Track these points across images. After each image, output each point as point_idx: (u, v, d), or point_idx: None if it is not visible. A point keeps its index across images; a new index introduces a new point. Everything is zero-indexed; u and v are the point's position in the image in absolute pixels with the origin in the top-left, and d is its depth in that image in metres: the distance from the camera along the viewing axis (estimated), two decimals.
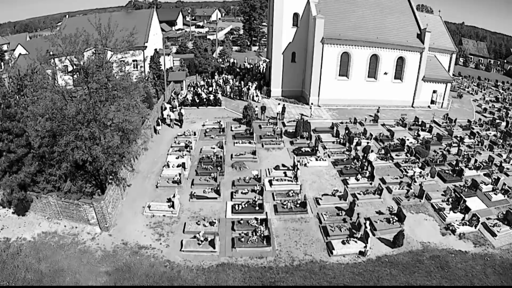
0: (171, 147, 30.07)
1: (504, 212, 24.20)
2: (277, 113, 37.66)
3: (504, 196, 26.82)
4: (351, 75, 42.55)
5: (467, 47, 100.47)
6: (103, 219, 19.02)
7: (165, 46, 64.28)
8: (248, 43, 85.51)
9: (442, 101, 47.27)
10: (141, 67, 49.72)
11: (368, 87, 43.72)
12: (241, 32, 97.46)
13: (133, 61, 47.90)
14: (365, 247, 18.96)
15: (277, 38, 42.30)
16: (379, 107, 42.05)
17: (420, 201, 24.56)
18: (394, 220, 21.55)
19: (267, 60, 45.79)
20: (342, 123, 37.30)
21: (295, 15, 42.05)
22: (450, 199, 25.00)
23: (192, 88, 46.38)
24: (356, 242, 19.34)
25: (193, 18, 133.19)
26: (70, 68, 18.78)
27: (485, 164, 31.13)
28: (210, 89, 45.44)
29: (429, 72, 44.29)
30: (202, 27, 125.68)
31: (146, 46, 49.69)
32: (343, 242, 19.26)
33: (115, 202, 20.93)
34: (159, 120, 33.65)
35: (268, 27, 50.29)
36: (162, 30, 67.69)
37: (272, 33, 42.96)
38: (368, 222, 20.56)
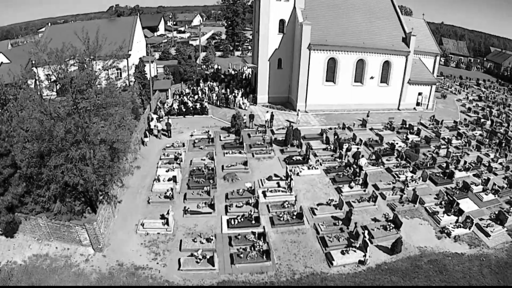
0: (160, 159, 29.77)
1: (496, 212, 25.09)
2: (266, 121, 37.88)
3: (495, 196, 27.77)
4: (337, 80, 43.29)
5: (447, 46, 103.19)
6: (96, 240, 18.80)
7: (148, 53, 64.02)
8: (231, 48, 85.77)
9: (427, 102, 48.59)
10: (125, 77, 49.24)
11: (354, 92, 44.54)
12: (223, 37, 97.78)
13: (117, 69, 47.53)
14: (365, 256, 19.29)
15: (263, 45, 42.72)
16: (369, 111, 42.88)
17: (414, 206, 25.14)
18: (391, 227, 21.98)
19: (255, 66, 45.95)
20: (331, 129, 37.82)
21: (281, 21, 42.53)
22: (443, 202, 25.70)
23: (177, 97, 46.25)
24: (355, 251, 19.67)
25: (174, 23, 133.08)
26: (53, 78, 18.54)
27: (474, 165, 32.09)
28: (196, 97, 45.41)
29: (414, 75, 45.46)
30: (184, 32, 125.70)
31: (130, 54, 49.35)
32: (342, 252, 19.56)
33: (107, 221, 20.72)
34: (146, 132, 33.39)
35: (253, 33, 50.56)
36: (145, 36, 67.37)
37: (258, 39, 43.36)
38: (366, 231, 20.86)
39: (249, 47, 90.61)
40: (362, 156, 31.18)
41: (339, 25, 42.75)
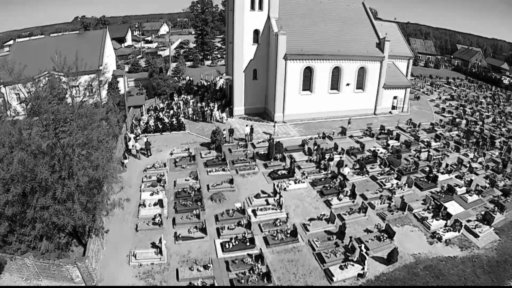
0: (143, 182, 29.50)
1: (483, 213, 26.57)
2: (246, 135, 38.32)
3: (479, 196, 29.35)
4: (314, 89, 44.47)
5: (415, 46, 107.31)
6: (90, 277, 18.58)
7: (119, 67, 63.20)
8: (201, 57, 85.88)
9: (402, 105, 50.58)
10: (97, 95, 48.45)
11: (331, 99, 45.87)
12: (191, 45, 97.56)
13: (88, 85, 46.70)
14: (363, 269, 20.00)
15: (238, 56, 43.21)
16: (350, 119, 44.30)
17: (403, 213, 26.24)
18: (385, 237, 22.84)
19: (230, 78, 46.39)
20: (311, 139, 38.70)
21: (256, 32, 43.21)
22: (430, 207, 26.91)
23: (152, 112, 45.90)
24: (353, 265, 20.35)
25: (141, 33, 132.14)
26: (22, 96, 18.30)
27: (455, 167, 33.73)
28: (171, 112, 45.34)
29: (389, 79, 47.30)
30: (151, 42, 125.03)
31: (101, 70, 48.75)
32: (341, 267, 20.20)
33: (97, 254, 20.49)
34: (125, 153, 33.00)
35: (227, 44, 50.97)
36: (114, 48, 66.74)
37: (232, 50, 43.83)
38: (363, 245, 21.57)
39: (219, 55, 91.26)
40: (346, 165, 32.15)
41: (314, 34, 44.05)
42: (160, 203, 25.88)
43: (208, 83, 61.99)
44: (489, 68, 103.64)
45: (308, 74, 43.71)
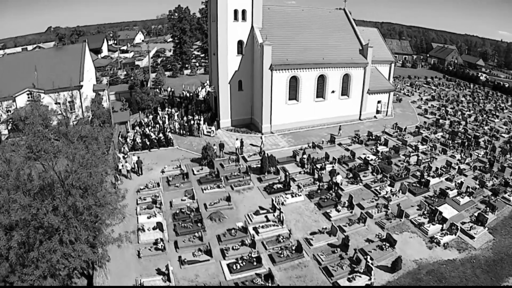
0: (138, 204, 29.40)
1: (476, 214, 28.14)
2: (236, 148, 38.86)
3: (470, 198, 30.95)
4: (300, 98, 45.67)
5: (391, 47, 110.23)
6: None
7: (101, 81, 62.49)
8: (180, 66, 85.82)
9: (386, 109, 52.32)
10: (78, 109, 47.88)
11: (317, 107, 47.19)
12: (167, 53, 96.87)
13: (69, 102, 46.31)
14: (370, 279, 20.98)
15: (223, 68, 43.82)
16: (340, 126, 45.70)
17: (400, 220, 27.47)
18: (387, 246, 23.94)
19: (215, 91, 46.88)
20: (301, 149, 39.41)
21: (240, 42, 43.95)
22: (425, 213, 28.24)
23: (138, 128, 45.66)
24: (360, 276, 21.28)
25: (115, 42, 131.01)
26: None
27: (444, 170, 35.31)
28: (157, 126, 45.39)
29: (372, 85, 49.02)
30: (127, 51, 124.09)
31: (81, 85, 48.32)
32: (349, 280, 21.11)
33: (102, 285, 20.71)
34: (116, 175, 32.88)
35: (210, 55, 51.42)
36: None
37: (216, 62, 44.30)
38: (368, 256, 22.59)
39: (197, 64, 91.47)
40: (338, 173, 33.19)
41: (298, 43, 45.26)
42: (159, 226, 26.10)
43: (191, 94, 61.99)
44: (465, 65, 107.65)
45: (294, 83, 44.83)
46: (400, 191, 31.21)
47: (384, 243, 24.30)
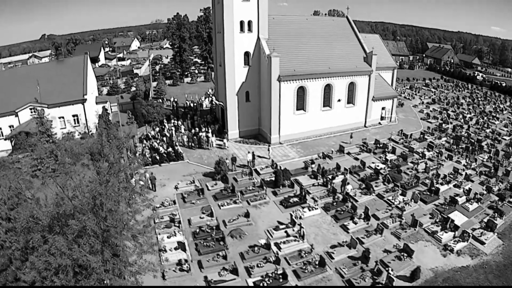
0: (155, 223, 29.36)
1: (486, 220, 29.32)
2: (248, 161, 39.61)
3: (478, 204, 32.09)
4: (308, 107, 46.66)
5: (388, 48, 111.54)
6: None
7: (100, 91, 62.27)
8: (179, 74, 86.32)
9: (390, 115, 53.43)
10: (84, 124, 48.44)
11: (324, 117, 48.28)
12: (165, 60, 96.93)
13: (73, 116, 46.78)
14: None
15: (230, 79, 44.55)
16: (352, 133, 46.86)
17: (415, 229, 28.52)
18: (405, 256, 25.03)
19: (222, 104, 47.64)
20: (311, 160, 40.21)
21: (246, 54, 44.80)
22: (438, 221, 29.34)
23: (145, 142, 45.89)
24: None
25: (111, 49, 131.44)
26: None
27: (452, 176, 36.40)
28: (165, 139, 45.76)
29: (377, 91, 50.20)
30: (124, 59, 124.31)
31: (85, 99, 48.77)
32: None
33: None
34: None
35: (215, 66, 51.91)
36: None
37: (224, 73, 44.91)
38: (389, 268, 23.70)
39: (196, 71, 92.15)
40: (348, 183, 34.19)
41: (304, 53, 46.25)
42: (181, 246, 26.59)
43: (195, 104, 61.99)
44: (462, 64, 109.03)
45: (301, 93, 45.77)
46: (412, 200, 32.27)
47: (402, 253, 25.33)
